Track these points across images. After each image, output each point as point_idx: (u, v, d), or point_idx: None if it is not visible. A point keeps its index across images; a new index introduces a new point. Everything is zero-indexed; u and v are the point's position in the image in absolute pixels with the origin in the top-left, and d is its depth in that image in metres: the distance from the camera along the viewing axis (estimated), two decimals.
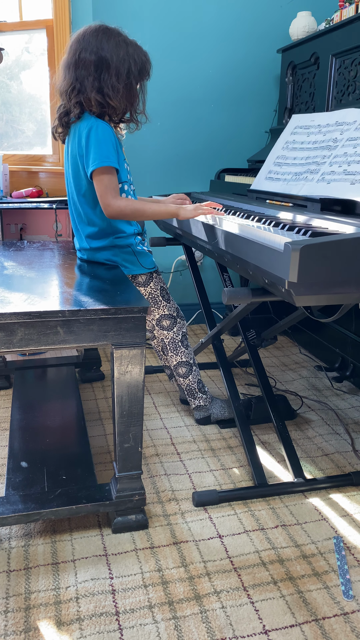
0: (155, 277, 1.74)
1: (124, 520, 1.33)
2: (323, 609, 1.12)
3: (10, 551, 1.27)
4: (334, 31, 2.09)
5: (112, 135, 1.53)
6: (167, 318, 1.78)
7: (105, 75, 1.50)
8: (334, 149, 1.60)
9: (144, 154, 2.70)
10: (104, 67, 1.49)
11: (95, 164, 1.49)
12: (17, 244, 1.97)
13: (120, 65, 1.50)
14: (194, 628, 1.07)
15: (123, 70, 1.51)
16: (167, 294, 1.78)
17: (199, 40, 2.67)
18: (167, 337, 1.80)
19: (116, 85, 1.51)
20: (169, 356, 1.83)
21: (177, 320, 1.80)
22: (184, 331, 1.83)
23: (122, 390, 1.24)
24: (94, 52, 1.48)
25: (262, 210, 1.65)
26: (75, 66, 1.50)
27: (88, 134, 1.50)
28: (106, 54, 1.49)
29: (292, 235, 1.21)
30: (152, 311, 1.77)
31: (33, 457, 1.50)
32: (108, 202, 1.51)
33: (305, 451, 1.72)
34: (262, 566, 1.24)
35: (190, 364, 1.83)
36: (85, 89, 1.51)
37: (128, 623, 1.08)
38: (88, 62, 1.49)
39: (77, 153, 1.55)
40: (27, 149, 2.83)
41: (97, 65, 1.49)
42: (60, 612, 1.10)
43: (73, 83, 1.51)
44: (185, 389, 1.85)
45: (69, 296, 1.26)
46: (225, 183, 2.42)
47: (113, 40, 1.50)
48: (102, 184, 1.51)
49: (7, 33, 2.65)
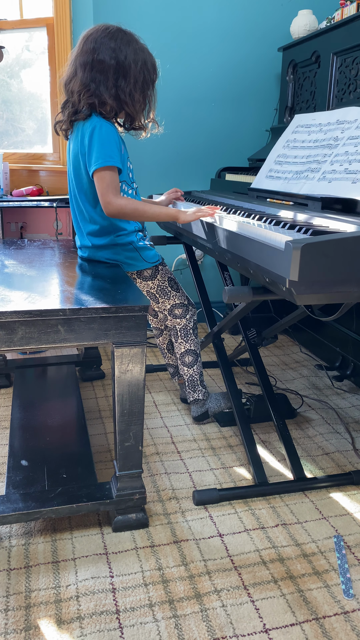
0: (161, 270, 1.74)
1: (124, 519, 1.33)
2: (323, 608, 1.12)
3: (10, 550, 1.27)
4: (335, 30, 2.09)
5: (116, 134, 1.53)
6: (179, 307, 1.80)
7: (122, 82, 1.51)
8: (335, 148, 1.59)
9: (145, 152, 2.70)
10: (122, 73, 1.51)
11: (98, 164, 1.49)
12: (18, 242, 1.97)
13: (138, 74, 1.52)
14: (194, 627, 1.07)
15: (140, 78, 1.53)
16: (175, 284, 1.79)
17: (200, 38, 2.66)
18: (180, 324, 1.82)
19: (134, 94, 1.53)
20: (177, 343, 1.84)
21: (189, 307, 1.82)
22: (195, 319, 1.85)
23: (122, 389, 1.24)
24: (113, 57, 1.49)
25: (263, 208, 1.65)
26: (91, 67, 1.50)
27: (92, 133, 1.50)
28: (125, 60, 1.50)
29: (293, 233, 1.20)
30: (163, 302, 1.78)
31: (33, 455, 1.50)
32: (109, 200, 1.51)
33: (305, 450, 1.72)
34: (263, 565, 1.24)
35: (197, 354, 1.84)
36: (101, 93, 1.51)
37: (128, 621, 1.08)
38: (107, 66, 1.49)
39: (79, 151, 1.55)
40: (27, 147, 2.82)
41: (116, 70, 1.50)
42: (60, 610, 1.10)
43: (88, 84, 1.51)
44: (187, 379, 1.85)
45: (70, 295, 1.26)
46: (225, 182, 2.42)
47: (132, 46, 1.51)
48: (103, 182, 1.51)
49: (8, 31, 2.64)
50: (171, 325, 1.84)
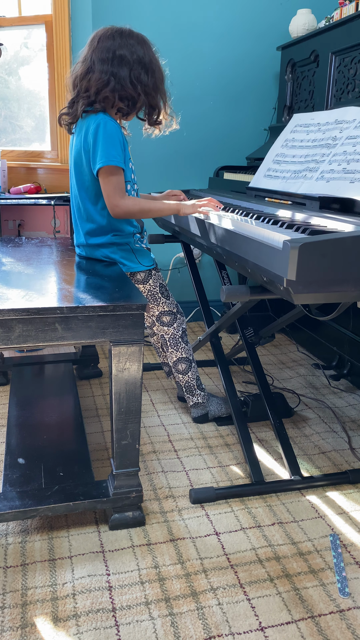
0: (154, 275, 1.74)
1: (121, 517, 1.33)
2: (319, 606, 1.13)
3: (7, 547, 1.27)
4: (334, 29, 2.09)
5: (120, 133, 1.53)
6: (167, 314, 1.79)
7: (144, 77, 1.55)
8: (333, 147, 1.59)
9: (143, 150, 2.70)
10: (144, 68, 1.54)
11: (102, 162, 1.49)
12: (15, 240, 1.97)
13: (157, 68, 1.58)
14: (190, 624, 1.08)
15: (159, 73, 1.58)
16: (166, 291, 1.78)
17: (199, 36, 2.66)
18: (167, 333, 1.81)
19: (158, 85, 1.58)
20: (168, 352, 1.83)
21: (177, 316, 1.81)
22: (184, 327, 1.83)
23: (120, 387, 1.24)
24: (134, 53, 1.53)
25: (261, 207, 1.65)
26: (111, 63, 1.52)
27: (96, 130, 1.50)
28: (144, 56, 1.54)
29: (291, 233, 1.21)
30: (152, 308, 1.78)
31: (30, 453, 1.50)
32: (116, 202, 1.52)
33: (302, 449, 1.73)
34: (259, 563, 1.24)
35: (190, 361, 1.83)
36: (123, 88, 1.53)
37: (125, 619, 1.08)
38: (129, 61, 1.52)
39: (82, 147, 1.55)
40: (25, 145, 2.82)
41: (138, 65, 1.53)
42: (57, 608, 1.11)
43: (107, 80, 1.52)
44: (183, 385, 1.85)
45: (67, 293, 1.26)
46: (224, 180, 2.42)
47: (147, 44, 1.57)
48: (110, 184, 1.51)
49: (6, 28, 2.64)
50: (158, 332, 1.83)
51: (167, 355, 1.86)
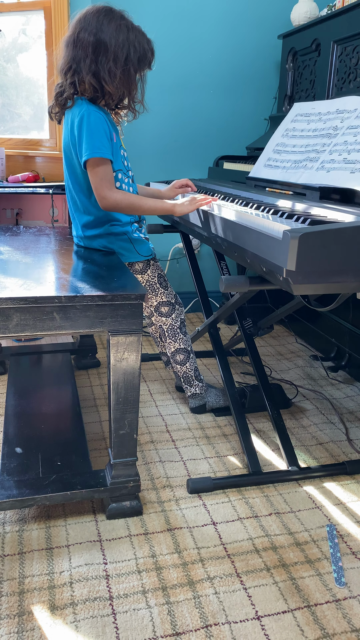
0: (153, 265, 1.73)
1: (118, 507, 1.33)
2: (315, 596, 1.13)
3: (4, 536, 1.27)
4: (335, 17, 2.07)
5: (105, 123, 1.49)
6: (166, 305, 1.78)
7: (102, 59, 1.45)
8: (334, 137, 1.58)
9: (142, 139, 2.68)
10: (102, 50, 1.45)
11: (87, 155, 1.46)
12: (13, 229, 1.96)
13: (118, 50, 1.46)
14: (187, 613, 1.08)
15: (121, 55, 1.46)
16: (164, 281, 1.77)
17: (199, 24, 2.63)
18: (165, 324, 1.80)
19: (113, 70, 1.46)
20: (166, 343, 1.83)
21: (176, 307, 1.80)
22: (182, 318, 1.82)
23: (118, 377, 1.24)
24: (92, 34, 1.44)
25: (261, 197, 1.64)
26: (73, 45, 1.46)
27: (80, 122, 1.47)
28: (105, 36, 1.44)
29: (291, 223, 1.20)
30: (150, 298, 1.77)
31: (28, 443, 1.50)
32: (104, 194, 1.49)
33: (299, 440, 1.73)
34: (256, 553, 1.24)
35: (188, 352, 1.83)
36: (81, 70, 1.47)
37: (121, 608, 1.09)
38: (86, 43, 1.45)
39: (69, 141, 1.53)
40: (23, 133, 2.79)
41: (95, 47, 1.45)
42: (54, 596, 1.11)
43: (70, 62, 1.48)
44: (181, 376, 1.85)
45: (65, 282, 1.25)
46: (223, 170, 2.40)
47: (114, 23, 1.46)
48: (96, 176, 1.48)
49: (4, 14, 2.60)
50: (157, 323, 1.83)
51: (165, 345, 1.85)
